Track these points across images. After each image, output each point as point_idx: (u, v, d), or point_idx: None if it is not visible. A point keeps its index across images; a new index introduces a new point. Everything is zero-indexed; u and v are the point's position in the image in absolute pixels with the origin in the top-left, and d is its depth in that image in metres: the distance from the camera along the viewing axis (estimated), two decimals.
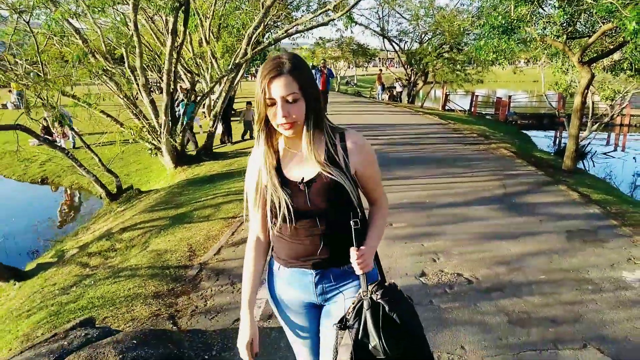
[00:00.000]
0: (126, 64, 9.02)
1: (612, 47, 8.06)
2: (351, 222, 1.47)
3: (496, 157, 8.62)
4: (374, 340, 1.42)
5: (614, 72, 9.50)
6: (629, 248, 4.29)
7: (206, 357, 2.69)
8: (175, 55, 8.29)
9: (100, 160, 8.14)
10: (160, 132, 9.01)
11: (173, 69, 8.46)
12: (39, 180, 12.00)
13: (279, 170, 1.53)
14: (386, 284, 1.50)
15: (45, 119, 13.65)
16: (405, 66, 24.25)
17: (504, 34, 7.33)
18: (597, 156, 14.33)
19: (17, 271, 5.54)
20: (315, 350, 1.70)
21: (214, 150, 10.31)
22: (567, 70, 10.43)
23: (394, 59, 38.13)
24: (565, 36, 7.82)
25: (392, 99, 25.39)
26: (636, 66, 8.06)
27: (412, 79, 24.04)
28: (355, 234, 1.47)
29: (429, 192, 6.07)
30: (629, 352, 2.74)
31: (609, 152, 15.96)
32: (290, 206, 1.49)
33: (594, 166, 13.27)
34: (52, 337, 2.56)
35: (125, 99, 9.34)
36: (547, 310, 3.21)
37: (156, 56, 12.72)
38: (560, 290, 3.49)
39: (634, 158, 14.97)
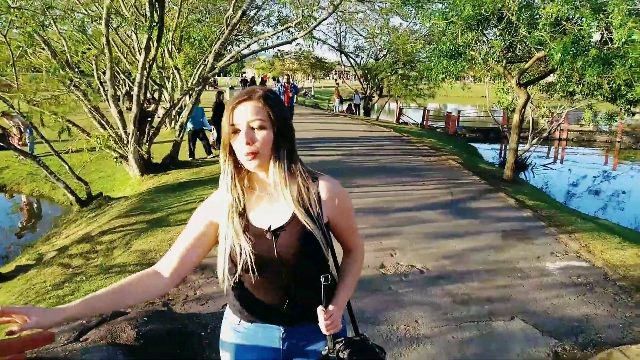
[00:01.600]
0: (95, 76, 9.28)
1: (545, 71, 9.09)
2: (321, 277, 1.36)
3: (445, 168, 9.45)
4: None
5: (548, 93, 10.61)
6: (553, 244, 5.08)
7: (203, 333, 3.17)
8: (147, 69, 8.64)
9: (70, 168, 8.34)
10: (128, 141, 9.29)
11: (144, 82, 8.80)
12: None
13: (242, 213, 1.39)
14: (356, 338, 1.44)
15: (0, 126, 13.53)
16: (361, 80, 25.23)
17: (452, 58, 8.17)
18: (536, 167, 15.60)
19: None
20: None
21: (180, 160, 10.64)
22: (508, 90, 11.49)
23: (349, 72, 39.29)
24: (505, 60, 8.78)
25: (349, 111, 26.30)
26: (566, 89, 9.13)
27: (368, 92, 25.04)
28: (324, 290, 1.36)
29: (386, 199, 6.73)
30: (547, 322, 3.43)
31: (547, 164, 17.36)
32: (252, 256, 1.34)
33: (533, 176, 14.47)
34: None
35: (91, 109, 9.56)
36: (483, 293, 3.88)
37: (117, 66, 12.90)
38: (495, 277, 4.18)
39: (569, 169, 16.37)
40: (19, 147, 9.78)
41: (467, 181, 8.20)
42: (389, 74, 21.59)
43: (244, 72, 48.58)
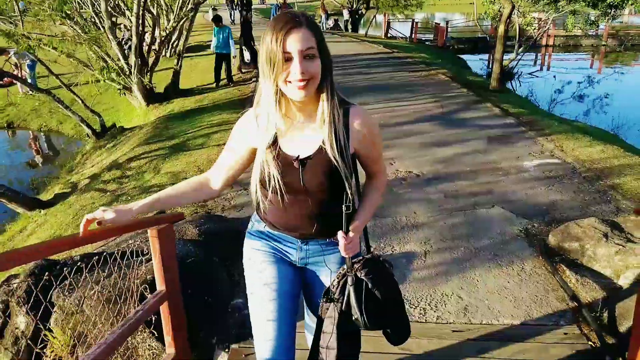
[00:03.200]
0: (91, 9, 9.42)
1: None
2: (343, 206, 1.48)
3: (435, 82, 9.98)
4: (355, 314, 1.50)
5: (533, 1, 10.88)
6: (531, 146, 5.81)
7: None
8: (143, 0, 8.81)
9: (82, 101, 8.78)
10: (131, 72, 9.64)
11: (141, 13, 8.99)
12: (5, 125, 12.28)
13: (275, 141, 1.47)
14: (369, 256, 1.59)
15: None
16: None
17: None
18: (523, 76, 16.05)
19: (39, 201, 6.43)
20: (281, 314, 1.59)
21: (180, 88, 11.01)
22: (494, 1, 11.69)
23: None
24: None
25: (336, 28, 25.97)
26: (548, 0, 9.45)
27: (355, 6, 24.64)
28: (345, 218, 1.49)
29: (383, 114, 7.34)
30: (521, 208, 4.22)
31: (534, 72, 17.76)
32: (280, 183, 1.46)
33: (520, 85, 14.99)
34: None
35: (90, 42, 9.77)
36: (470, 189, 4.65)
37: None
38: (480, 176, 4.94)
39: (554, 76, 16.86)
40: (28, 84, 10.05)
41: (455, 94, 8.79)
42: None
43: None
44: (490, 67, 18.21)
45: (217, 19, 10.43)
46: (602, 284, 3.10)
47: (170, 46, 13.89)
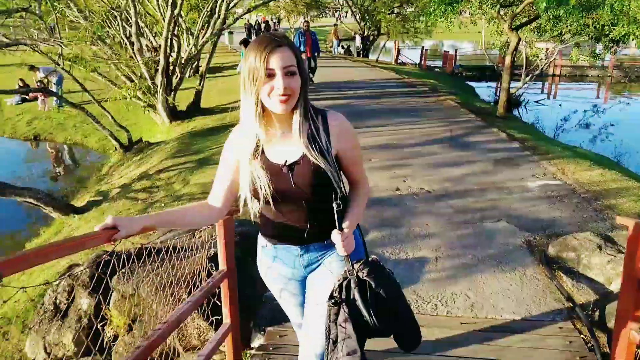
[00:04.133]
0: (121, 31, 10.05)
1: (535, 14, 9.91)
2: (334, 204, 1.56)
3: (444, 108, 10.47)
4: (365, 316, 1.54)
5: (539, 33, 11.44)
6: (535, 168, 6.22)
7: None
8: (172, 24, 9.42)
9: (111, 116, 9.31)
10: (156, 91, 10.20)
11: (170, 36, 9.60)
12: (32, 137, 12.85)
13: (261, 152, 1.57)
14: (369, 259, 1.64)
15: (21, 79, 14.30)
16: (359, 20, 25.51)
17: (449, 5, 8.98)
18: (529, 104, 16.53)
19: (73, 207, 6.89)
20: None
21: (201, 107, 11.56)
22: (501, 32, 12.26)
23: (343, 8, 38.92)
24: (498, 5, 9.58)
25: (347, 52, 26.73)
26: (555, 30, 9.99)
27: (366, 33, 25.43)
28: (337, 215, 1.57)
29: (395, 137, 7.79)
30: (523, 222, 4.61)
31: (540, 100, 18.26)
32: (271, 189, 1.54)
33: (526, 112, 15.46)
34: None
35: (118, 62, 10.38)
36: (477, 204, 5.05)
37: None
38: (486, 194, 5.35)
39: (559, 105, 17.33)
40: (59, 96, 10.58)
41: (464, 119, 9.25)
42: (387, 13, 21.99)
43: (248, 18, 47.82)
44: (498, 94, 18.77)
45: (245, 42, 11.14)
46: (595, 289, 3.48)
47: (191, 67, 14.51)
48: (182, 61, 11.26)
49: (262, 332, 3.08)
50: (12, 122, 13.25)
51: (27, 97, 14.55)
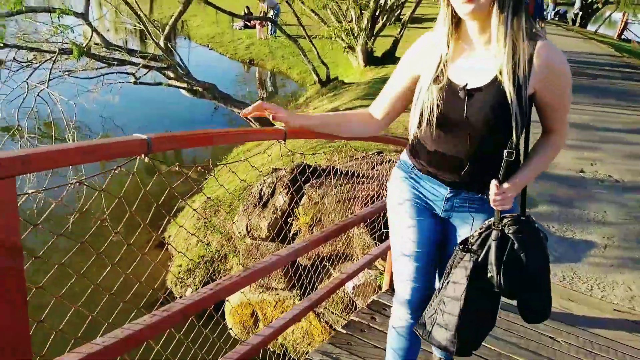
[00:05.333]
0: None
1: None
2: (505, 151, 1.32)
3: None
4: (491, 272, 1.37)
5: None
6: None
7: None
8: None
9: (317, 52, 10.23)
10: (358, 34, 10.81)
11: None
12: (247, 60, 14.73)
13: (442, 68, 1.35)
14: (523, 217, 1.40)
15: (247, 7, 16.21)
16: None
17: None
18: None
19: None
20: (422, 266, 1.58)
21: (396, 56, 11.92)
22: None
23: None
24: None
25: (562, 19, 24.09)
26: None
27: None
28: (504, 164, 1.34)
29: (593, 117, 7.21)
30: None
31: None
32: (436, 113, 1.34)
33: None
34: None
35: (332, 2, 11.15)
36: None
37: None
38: None
39: None
40: (278, 25, 11.87)
41: None
42: None
43: None
44: None
45: None
46: None
47: (394, 14, 14.81)
48: (387, 7, 11.61)
49: None
50: (234, 45, 15.28)
51: (248, 23, 16.51)
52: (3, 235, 0.87)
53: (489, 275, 1.37)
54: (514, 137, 1.31)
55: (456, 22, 1.33)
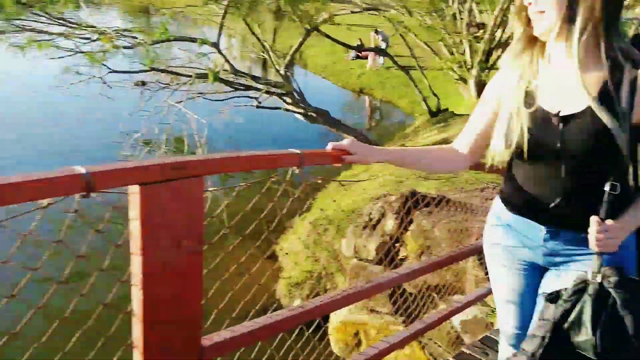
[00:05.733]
0: (456, 3, 10.74)
1: None
2: (607, 184, 1.14)
3: None
4: (584, 335, 1.12)
5: None
6: None
7: None
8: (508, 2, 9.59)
9: (428, 84, 10.27)
10: (472, 66, 10.65)
11: (501, 15, 9.83)
12: (358, 89, 15.14)
13: (528, 90, 1.22)
14: (630, 276, 1.18)
15: (359, 38, 16.74)
16: None
17: None
18: None
19: None
20: (522, 316, 1.44)
21: None
22: None
23: None
24: None
25: None
26: None
27: None
28: (607, 200, 1.15)
29: None
30: None
31: None
32: (529, 139, 1.19)
33: None
34: None
35: (450, 34, 11.16)
36: None
37: None
38: None
39: None
40: (390, 56, 12.17)
41: None
42: None
43: None
44: None
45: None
46: None
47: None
48: (503, 40, 11.33)
49: None
50: (345, 75, 15.79)
51: (360, 54, 17.03)
52: (196, 224, 1.08)
53: (578, 337, 1.13)
54: (618, 172, 1.16)
55: (532, 40, 1.22)
